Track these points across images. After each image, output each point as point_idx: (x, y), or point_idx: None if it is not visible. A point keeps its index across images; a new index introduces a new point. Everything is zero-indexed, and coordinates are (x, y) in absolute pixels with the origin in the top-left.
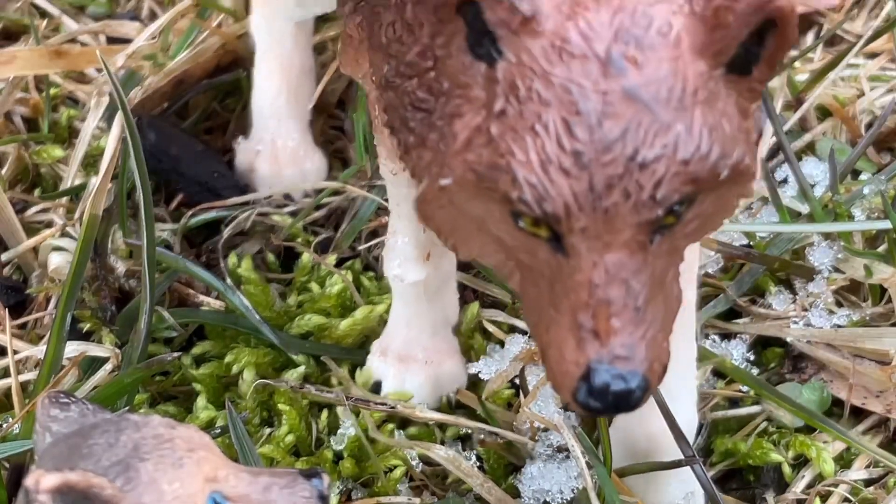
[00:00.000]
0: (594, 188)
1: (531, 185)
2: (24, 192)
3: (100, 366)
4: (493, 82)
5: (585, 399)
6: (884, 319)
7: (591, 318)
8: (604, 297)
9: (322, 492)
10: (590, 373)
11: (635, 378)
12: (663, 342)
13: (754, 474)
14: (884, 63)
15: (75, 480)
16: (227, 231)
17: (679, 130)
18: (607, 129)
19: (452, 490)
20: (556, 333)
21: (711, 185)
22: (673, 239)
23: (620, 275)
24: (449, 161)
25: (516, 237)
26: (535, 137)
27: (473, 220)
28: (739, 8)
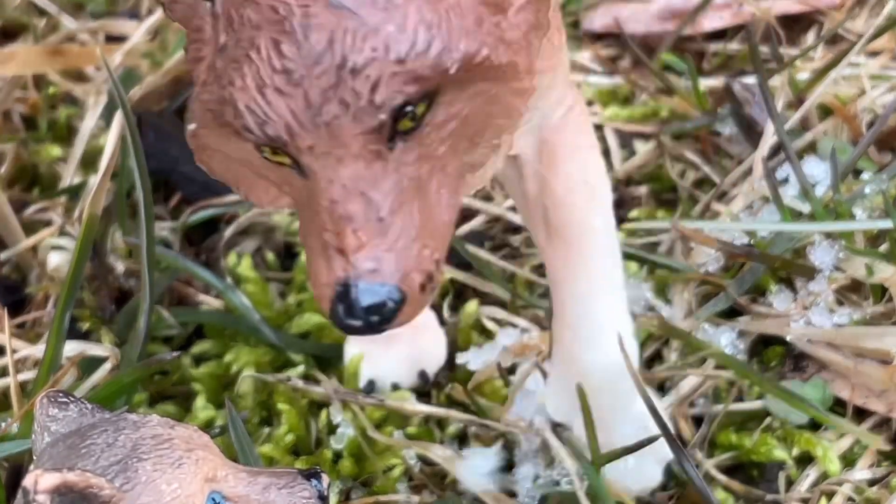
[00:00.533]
0: (311, 103)
1: (251, 111)
2: (22, 191)
3: (99, 365)
4: (215, 18)
5: (341, 319)
6: (885, 319)
7: (335, 237)
8: (343, 212)
9: (321, 492)
10: (341, 291)
11: (385, 289)
12: (422, 251)
13: (758, 470)
14: (885, 62)
15: (74, 480)
16: (229, 231)
17: (389, 30)
18: (314, 41)
19: (451, 489)
20: (312, 258)
21: (445, 81)
22: (424, 145)
23: (358, 187)
24: (192, 105)
25: (274, 171)
26: (250, 64)
27: (242, 163)
28: None
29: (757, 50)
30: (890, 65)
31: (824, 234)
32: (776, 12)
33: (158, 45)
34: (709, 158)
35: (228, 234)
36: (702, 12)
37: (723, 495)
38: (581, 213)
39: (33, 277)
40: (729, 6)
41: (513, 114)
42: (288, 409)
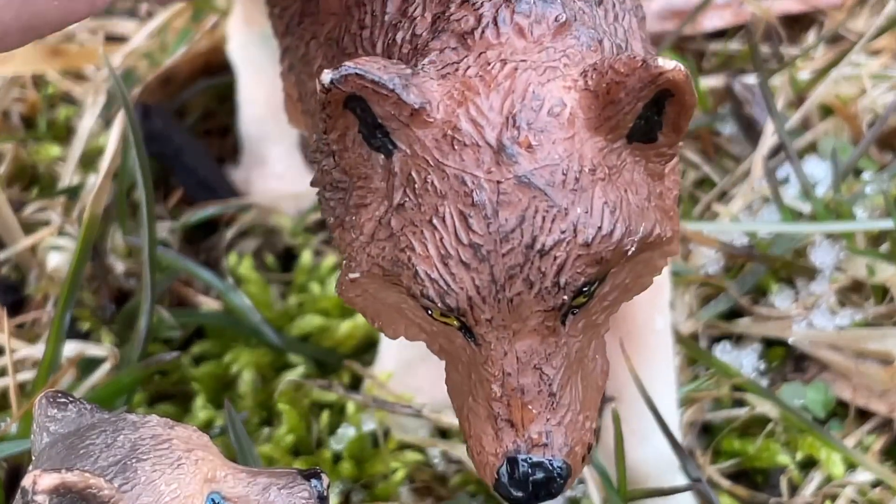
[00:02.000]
0: (496, 280)
1: (432, 281)
2: (21, 190)
3: (98, 365)
4: (391, 174)
5: (507, 489)
6: (886, 319)
7: (506, 408)
8: (517, 385)
9: (321, 492)
10: (509, 463)
11: (556, 464)
12: (585, 423)
13: (762, 476)
14: (886, 61)
15: (73, 480)
16: (231, 233)
17: (578, 213)
18: (503, 219)
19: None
20: (475, 423)
21: (620, 261)
22: (589, 316)
23: (532, 362)
24: (356, 254)
25: (433, 324)
26: (433, 231)
27: (392, 307)
28: (630, 83)
29: (757, 49)
30: (891, 64)
31: (825, 235)
32: (777, 12)
33: (158, 45)
34: (709, 158)
35: (229, 235)
36: (702, 12)
37: (727, 501)
38: (644, 313)
39: (33, 277)
40: (729, 6)
41: (657, 272)
42: (288, 410)
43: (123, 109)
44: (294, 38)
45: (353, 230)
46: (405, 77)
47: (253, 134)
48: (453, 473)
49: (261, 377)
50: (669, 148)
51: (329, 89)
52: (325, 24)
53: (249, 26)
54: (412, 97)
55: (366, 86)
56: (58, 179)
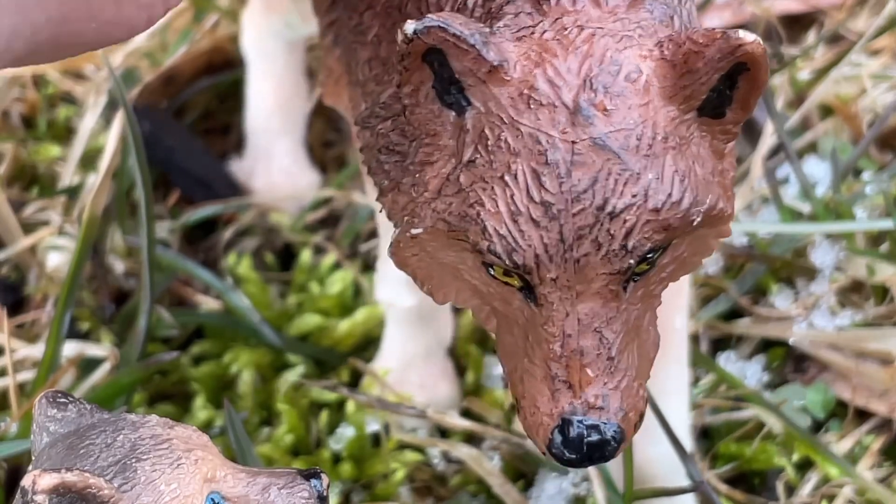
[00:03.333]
0: (564, 239)
1: (501, 237)
2: (21, 190)
3: (98, 365)
4: (462, 131)
5: (560, 450)
6: (886, 319)
7: (564, 369)
8: (577, 347)
9: (321, 492)
10: (564, 424)
11: (610, 428)
12: (639, 390)
13: (759, 479)
14: (886, 61)
15: (72, 480)
16: (230, 232)
17: (650, 178)
18: (576, 179)
19: (455, 494)
20: (531, 384)
21: (685, 231)
22: (648, 285)
23: (593, 325)
24: (419, 210)
25: (490, 285)
26: (504, 188)
27: (447, 268)
28: (709, 53)
29: None
30: (891, 64)
31: (825, 235)
32: (777, 11)
33: (158, 45)
34: None
35: (228, 234)
36: (702, 12)
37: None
38: (665, 310)
39: (32, 277)
40: (729, 6)
41: (709, 252)
42: (288, 410)
43: (122, 109)
44: (344, 11)
45: (415, 188)
46: (485, 35)
47: (259, 127)
48: (453, 474)
49: (260, 377)
50: (735, 126)
51: (411, 39)
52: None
53: (270, 15)
54: (492, 54)
55: (447, 39)
56: (58, 179)
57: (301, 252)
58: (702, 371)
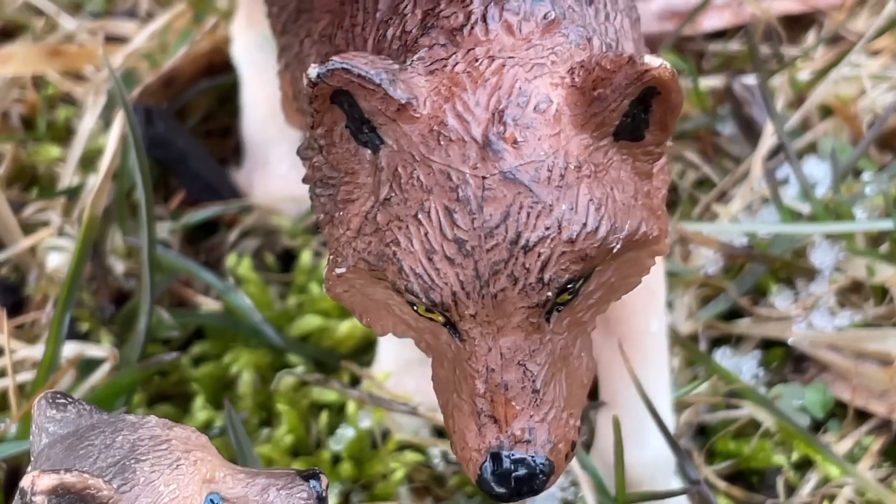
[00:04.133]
0: (480, 275)
1: (417, 276)
2: (21, 191)
3: (97, 366)
4: (377, 169)
5: (489, 485)
6: (886, 320)
7: (489, 404)
8: (501, 381)
9: (320, 493)
10: (492, 459)
11: (538, 461)
12: (569, 420)
13: (758, 477)
14: (886, 61)
15: (71, 481)
16: (234, 235)
17: (563, 209)
18: (488, 214)
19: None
20: (459, 418)
21: (605, 259)
22: (574, 313)
23: (516, 358)
24: (342, 249)
25: (419, 320)
26: (418, 226)
27: (380, 303)
28: (616, 80)
29: (757, 50)
30: (890, 64)
31: (825, 235)
32: (776, 12)
33: (158, 46)
34: (709, 158)
35: (230, 236)
36: (702, 12)
37: (724, 502)
38: (639, 316)
39: (32, 278)
40: (729, 6)
41: (644, 272)
42: (287, 410)
43: (122, 110)
44: (290, 37)
45: (340, 225)
46: (392, 72)
47: (255, 135)
48: (452, 474)
49: (260, 378)
50: (657, 146)
51: (316, 83)
52: (320, 21)
53: (251, 28)
54: (399, 92)
55: (353, 80)
56: (57, 180)
57: (301, 253)
58: (700, 369)
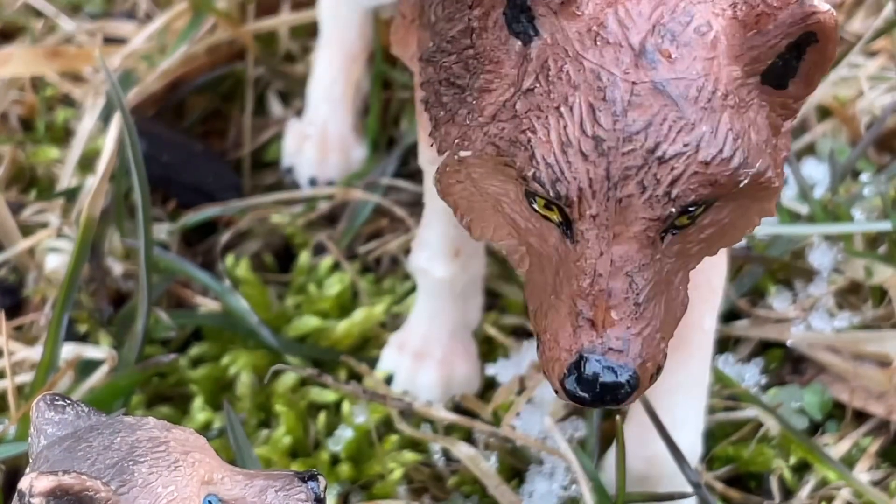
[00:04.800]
0: (610, 177)
1: (548, 165)
2: (19, 192)
3: (96, 367)
4: (525, 60)
5: (573, 387)
6: (884, 321)
7: (590, 307)
8: (606, 287)
9: (318, 494)
10: (581, 361)
11: (626, 372)
12: (661, 343)
13: (756, 481)
14: (884, 63)
15: (69, 483)
16: (228, 235)
17: (703, 131)
18: (631, 119)
19: (452, 494)
20: (554, 319)
21: (730, 191)
22: (685, 242)
23: (625, 267)
24: (471, 133)
25: (529, 219)
26: (558, 118)
27: (489, 199)
28: (781, 17)
29: None
30: (888, 66)
31: (823, 236)
32: None
33: (156, 47)
34: None
35: (227, 237)
36: None
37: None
38: (696, 311)
39: (31, 279)
40: None
41: (750, 228)
42: (286, 412)
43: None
44: None
45: (470, 115)
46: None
47: (320, 95)
48: (450, 474)
49: (259, 379)
50: (796, 101)
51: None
52: None
53: None
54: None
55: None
56: (56, 181)
57: (300, 253)
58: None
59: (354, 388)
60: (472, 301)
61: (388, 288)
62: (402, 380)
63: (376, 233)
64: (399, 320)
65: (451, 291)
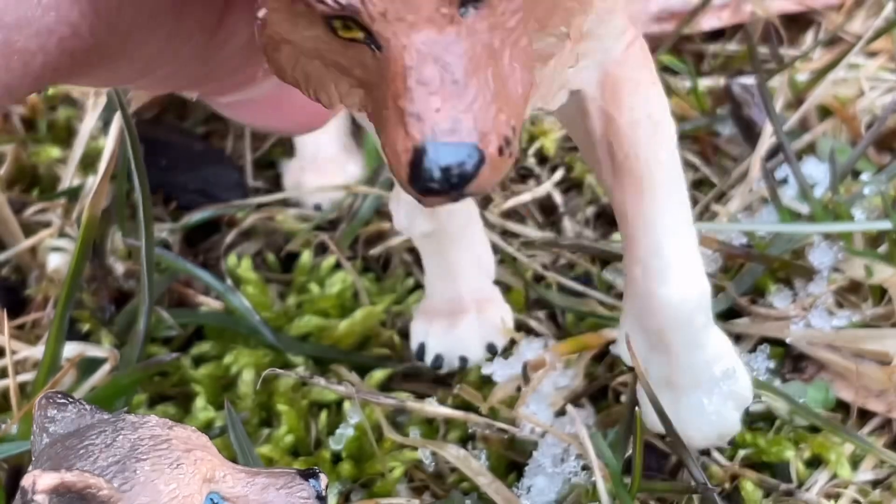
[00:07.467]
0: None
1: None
2: (22, 192)
3: (98, 366)
4: None
5: (420, 182)
6: (884, 320)
7: (411, 102)
8: (419, 77)
9: (320, 492)
10: (419, 154)
11: (464, 148)
12: (499, 115)
13: (770, 472)
14: (884, 63)
15: (72, 480)
16: (231, 235)
17: None
18: None
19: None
20: (388, 128)
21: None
22: (494, 15)
23: (432, 51)
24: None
25: (346, 54)
26: None
27: (311, 53)
28: None
29: (755, 51)
30: (889, 66)
31: (823, 235)
32: (773, 12)
33: None
34: (708, 159)
35: (230, 236)
36: (700, 13)
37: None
38: (646, 146)
39: (33, 279)
40: (728, 6)
41: (569, 13)
42: (287, 411)
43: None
44: None
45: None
46: None
47: None
48: (450, 472)
49: (261, 378)
50: None
51: None
52: None
53: None
54: None
55: None
56: (58, 181)
57: (301, 253)
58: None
59: (347, 389)
60: (477, 248)
61: (389, 287)
62: (434, 344)
63: (378, 232)
64: (400, 319)
65: (445, 245)
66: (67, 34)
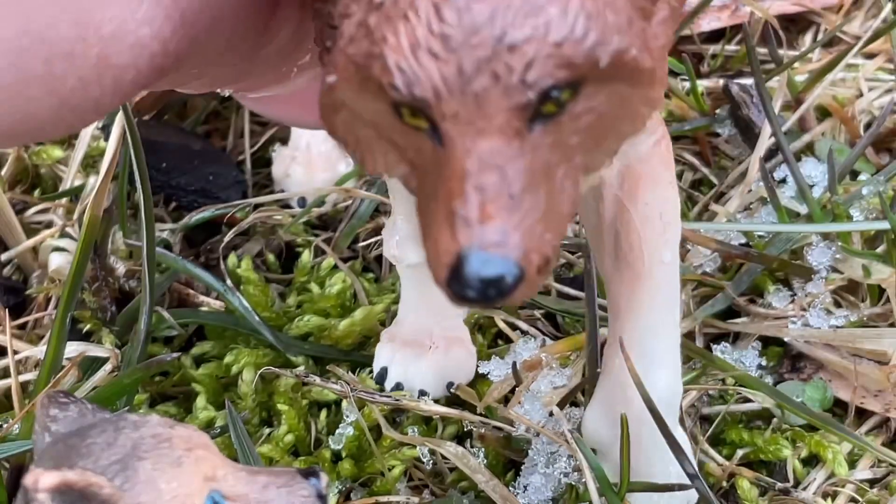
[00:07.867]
0: (463, 71)
1: (401, 70)
2: (23, 192)
3: (99, 366)
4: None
5: (457, 287)
6: (882, 320)
7: (464, 206)
8: (477, 183)
9: (320, 491)
10: (461, 260)
11: (507, 263)
12: (545, 234)
13: (766, 470)
14: (882, 64)
15: (74, 479)
16: (230, 234)
17: (551, 13)
18: (476, 11)
19: (452, 490)
20: (433, 224)
21: (592, 72)
22: (560, 132)
23: (494, 161)
24: (335, 58)
25: (404, 134)
26: (406, 23)
27: (370, 125)
28: None
29: (754, 51)
30: (887, 67)
31: (821, 235)
32: (772, 13)
33: None
34: (707, 160)
35: (229, 236)
36: (700, 13)
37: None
38: (652, 245)
39: (34, 279)
40: (727, 7)
41: (637, 122)
42: (288, 410)
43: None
44: None
45: (335, 42)
46: None
47: None
48: (449, 471)
49: (261, 378)
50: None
51: None
52: None
53: None
54: None
55: None
56: (60, 181)
57: (302, 253)
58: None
59: (343, 387)
60: None
61: (388, 287)
62: (396, 373)
63: (377, 231)
64: None
65: (429, 280)
66: (158, 51)
